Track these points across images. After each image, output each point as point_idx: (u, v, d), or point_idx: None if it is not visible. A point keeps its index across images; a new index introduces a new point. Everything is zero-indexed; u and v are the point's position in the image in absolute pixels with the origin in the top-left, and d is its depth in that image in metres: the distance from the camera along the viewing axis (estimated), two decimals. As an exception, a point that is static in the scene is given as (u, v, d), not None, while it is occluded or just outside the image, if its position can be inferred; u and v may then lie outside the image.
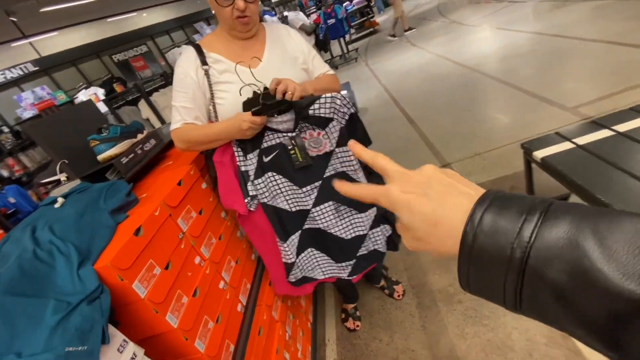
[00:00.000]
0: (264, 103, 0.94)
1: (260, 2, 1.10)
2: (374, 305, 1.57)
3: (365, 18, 9.51)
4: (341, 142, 1.05)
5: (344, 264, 1.21)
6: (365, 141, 1.10)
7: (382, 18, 11.83)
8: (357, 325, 1.50)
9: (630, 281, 0.18)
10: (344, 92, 3.86)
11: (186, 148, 1.05)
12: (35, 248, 0.70)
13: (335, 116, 1.02)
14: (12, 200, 3.44)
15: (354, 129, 1.07)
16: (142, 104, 3.96)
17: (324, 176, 1.08)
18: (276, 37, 1.11)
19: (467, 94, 3.33)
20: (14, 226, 0.95)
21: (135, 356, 0.65)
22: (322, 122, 1.02)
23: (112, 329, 0.63)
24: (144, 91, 3.80)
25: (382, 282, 1.60)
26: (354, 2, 9.17)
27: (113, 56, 6.21)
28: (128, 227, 0.78)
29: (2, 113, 6.39)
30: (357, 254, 1.21)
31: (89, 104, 1.31)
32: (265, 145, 1.04)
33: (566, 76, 2.82)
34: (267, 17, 4.62)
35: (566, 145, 1.34)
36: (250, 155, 1.05)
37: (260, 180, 1.07)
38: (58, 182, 1.05)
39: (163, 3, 10.18)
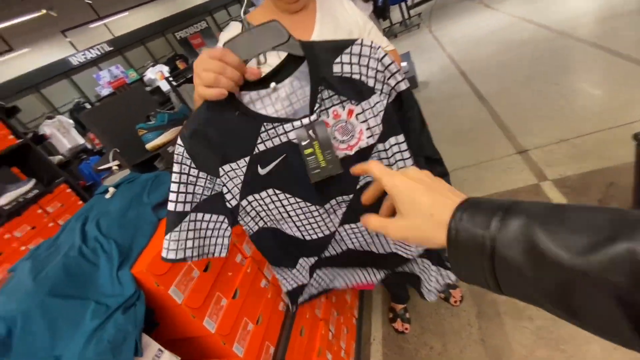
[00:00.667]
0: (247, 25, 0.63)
1: None
2: (426, 308, 1.44)
3: (430, -22, 8.54)
4: (387, 131, 0.65)
5: (376, 270, 0.95)
6: (427, 146, 0.71)
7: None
8: (406, 328, 1.39)
9: (568, 253, 0.23)
10: (403, 64, 3.49)
11: None
12: (82, 245, 0.71)
13: (379, 85, 0.62)
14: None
15: (408, 114, 0.67)
16: (200, 82, 4.06)
17: (358, 187, 0.70)
18: (328, 11, 0.96)
19: (554, 64, 2.80)
20: (90, 198, 0.98)
21: (171, 365, 0.63)
22: (356, 91, 0.61)
23: (146, 338, 0.61)
24: (201, 69, 3.88)
25: (437, 284, 1.45)
26: (418, -40, 8.25)
27: (175, 34, 6.48)
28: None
29: (84, 90, 7.16)
30: (396, 270, 0.95)
31: (139, 89, 1.32)
32: (260, 148, 0.62)
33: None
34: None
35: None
36: (233, 166, 0.64)
37: (250, 200, 0.69)
38: (111, 170, 1.07)
39: (221, -24, 10.26)
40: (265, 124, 0.60)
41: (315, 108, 0.60)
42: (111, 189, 0.92)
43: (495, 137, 2.25)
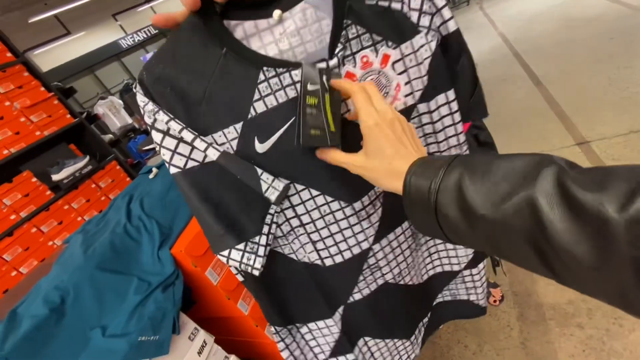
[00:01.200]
0: None
1: None
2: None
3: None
4: (434, 87, 0.48)
5: (414, 333, 0.68)
6: (478, 109, 0.55)
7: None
8: (439, 324, 1.34)
9: (486, 205, 0.26)
10: None
11: None
12: (127, 223, 0.74)
13: (425, 20, 0.44)
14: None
15: (457, 65, 0.51)
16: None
17: None
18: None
19: (627, 45, 2.45)
20: (137, 175, 1.03)
21: (206, 344, 0.65)
22: (395, 29, 0.44)
23: (183, 317, 0.63)
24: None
25: (475, 281, 1.37)
26: None
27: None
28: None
29: (132, 72, 7.56)
30: (435, 302, 0.72)
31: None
32: (258, 108, 0.42)
33: None
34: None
35: None
36: (216, 138, 0.42)
37: None
38: (155, 150, 1.11)
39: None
40: (265, 69, 0.40)
41: (337, 51, 0.42)
42: (154, 170, 0.95)
43: (552, 126, 2.04)
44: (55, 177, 2.13)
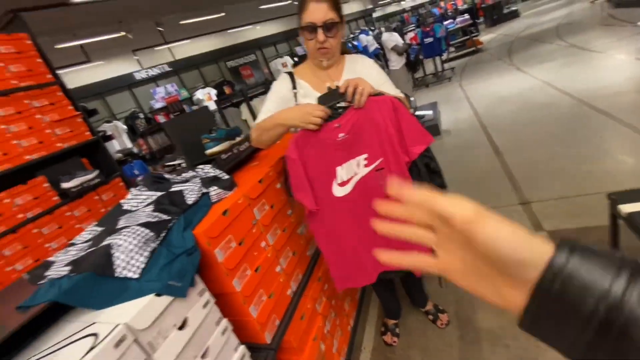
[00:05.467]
0: (329, 87, 1.08)
1: (342, 33, 1.23)
2: (414, 327, 1.60)
3: (467, 37, 9.09)
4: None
5: None
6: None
7: (488, 37, 11.10)
8: (394, 341, 1.55)
9: None
10: (429, 112, 3.87)
11: (257, 137, 1.19)
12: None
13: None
14: (136, 172, 4.36)
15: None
16: (244, 107, 4.57)
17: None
18: (353, 68, 1.27)
19: (571, 128, 2.99)
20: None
21: (209, 302, 0.88)
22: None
23: (197, 279, 0.87)
24: (246, 96, 4.39)
25: (428, 307, 1.61)
26: (457, 20, 8.86)
27: (227, 62, 7.21)
28: (219, 208, 1.03)
29: (140, 102, 8.03)
30: None
31: (205, 110, 1.68)
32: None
33: None
34: (362, 36, 4.87)
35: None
36: None
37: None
38: (176, 167, 1.40)
39: (275, 17, 11.41)
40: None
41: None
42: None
43: (502, 187, 2.43)
44: (64, 185, 2.34)
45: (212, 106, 6.20)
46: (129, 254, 0.84)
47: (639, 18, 5.94)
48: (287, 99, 1.24)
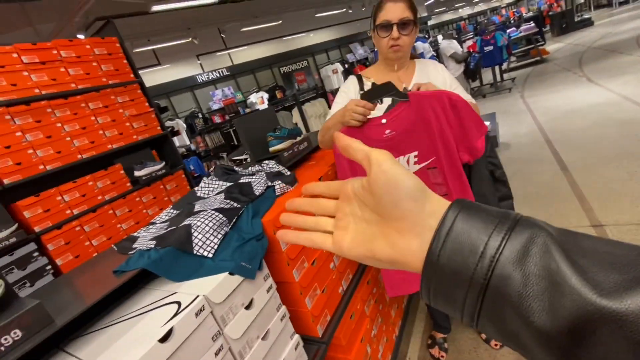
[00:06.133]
0: (373, 83, 1.06)
1: (415, 35, 1.19)
2: (465, 344, 1.52)
3: (532, 46, 8.52)
4: None
5: None
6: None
7: (555, 46, 10.29)
8: (442, 356, 1.49)
9: (594, 290, 0.18)
10: (486, 123, 3.72)
11: (321, 137, 1.23)
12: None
13: None
14: (191, 167, 4.68)
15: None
16: (295, 111, 4.72)
17: None
18: (424, 72, 1.27)
19: (654, 148, 2.67)
20: (198, 185, 1.38)
21: (272, 287, 0.93)
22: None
23: (264, 265, 0.92)
24: (298, 100, 4.53)
25: (480, 325, 1.53)
26: (521, 28, 8.35)
27: (280, 68, 7.51)
28: (283, 200, 1.09)
29: (200, 103, 8.65)
30: None
31: (269, 111, 1.78)
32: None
33: None
34: (419, 43, 4.80)
35: None
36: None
37: None
38: (242, 161, 1.49)
39: (329, 25, 11.67)
40: None
41: None
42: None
43: (570, 207, 2.23)
44: (137, 173, 2.60)
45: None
46: (206, 234, 0.91)
47: None
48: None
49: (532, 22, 8.39)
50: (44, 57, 2.17)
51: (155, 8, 5.09)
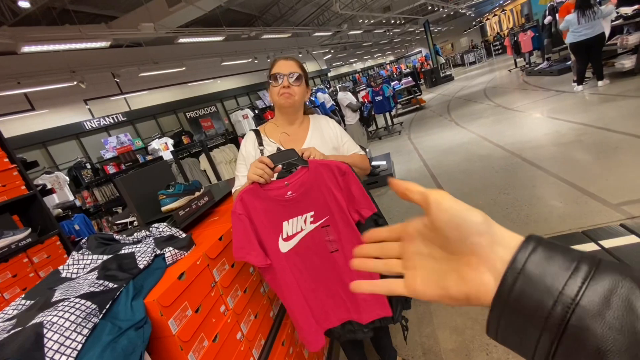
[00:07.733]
0: (278, 148, 1.15)
1: (305, 92, 1.34)
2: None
3: (412, 96, 10.18)
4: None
5: None
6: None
7: (429, 95, 12.51)
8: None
9: None
10: (383, 163, 4.17)
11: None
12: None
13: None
14: (77, 227, 3.99)
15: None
16: (203, 158, 4.51)
17: None
18: (317, 127, 1.35)
19: (506, 177, 3.35)
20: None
21: (158, 385, 0.77)
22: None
23: (147, 356, 0.77)
24: (205, 147, 4.36)
25: (396, 363, 1.56)
26: (402, 81, 9.97)
27: (187, 113, 7.23)
28: (175, 271, 0.96)
29: (88, 152, 7.58)
30: None
31: (163, 164, 1.63)
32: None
33: (611, 171, 2.76)
34: (319, 94, 5.24)
35: (633, 239, 1.27)
36: None
37: None
38: (127, 225, 1.30)
39: (236, 74, 11.92)
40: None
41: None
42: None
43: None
44: (-13, 248, 2.04)
45: (168, 156, 6.03)
46: (64, 333, 0.73)
47: (547, 84, 7.15)
48: (254, 158, 1.26)
49: (409, 77, 10.09)
50: None
51: (27, 49, 4.43)
